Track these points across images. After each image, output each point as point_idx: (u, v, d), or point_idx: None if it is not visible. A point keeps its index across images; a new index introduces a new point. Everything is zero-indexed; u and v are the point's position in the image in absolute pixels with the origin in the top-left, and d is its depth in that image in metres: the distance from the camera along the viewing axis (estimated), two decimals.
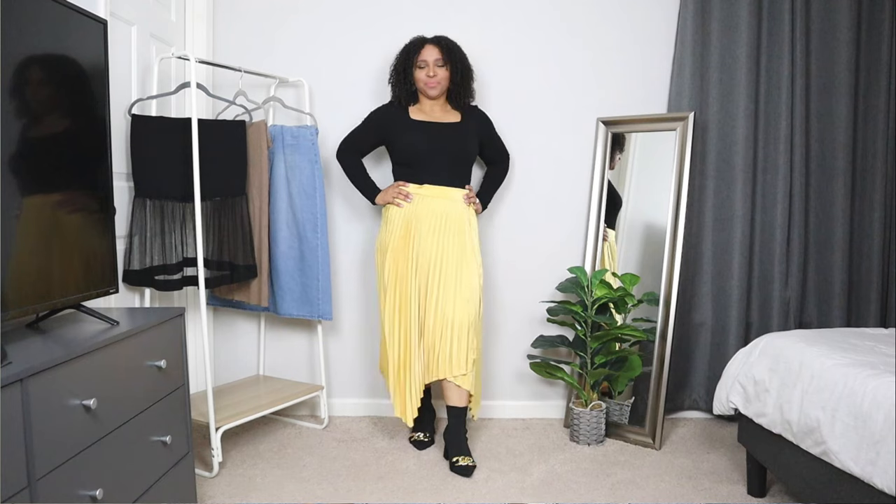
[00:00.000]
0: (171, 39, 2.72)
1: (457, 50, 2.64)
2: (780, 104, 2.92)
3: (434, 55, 2.59)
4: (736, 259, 2.95)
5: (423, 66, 2.59)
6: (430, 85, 2.60)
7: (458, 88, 2.65)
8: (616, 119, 2.98)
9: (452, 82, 2.64)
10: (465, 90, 2.68)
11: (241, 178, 2.61)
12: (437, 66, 2.59)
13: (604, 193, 3.00)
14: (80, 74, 1.73)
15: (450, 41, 2.64)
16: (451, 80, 2.64)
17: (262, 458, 2.58)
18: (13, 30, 1.44)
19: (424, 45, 2.61)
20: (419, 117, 2.66)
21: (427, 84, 2.60)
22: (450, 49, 2.61)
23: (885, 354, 1.90)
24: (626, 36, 2.99)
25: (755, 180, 2.97)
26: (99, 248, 1.81)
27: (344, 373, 3.10)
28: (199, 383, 2.85)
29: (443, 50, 2.59)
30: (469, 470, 2.44)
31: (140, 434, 1.71)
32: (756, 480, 2.26)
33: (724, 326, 2.99)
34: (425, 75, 2.59)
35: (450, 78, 2.63)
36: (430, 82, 2.59)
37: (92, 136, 1.79)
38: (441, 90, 2.63)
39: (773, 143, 2.95)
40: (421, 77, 2.60)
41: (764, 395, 2.08)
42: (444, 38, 2.63)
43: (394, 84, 2.68)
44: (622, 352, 2.80)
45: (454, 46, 2.64)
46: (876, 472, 1.57)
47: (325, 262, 2.79)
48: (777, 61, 2.92)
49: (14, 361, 1.30)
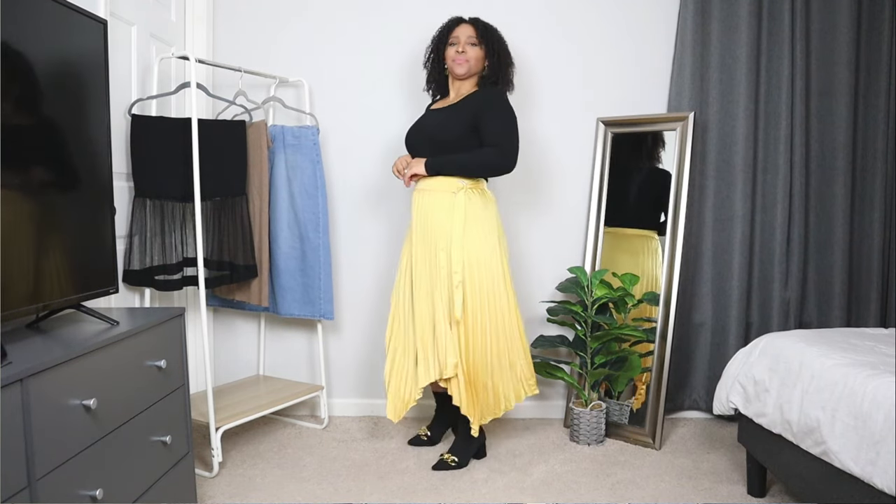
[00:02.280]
0: (171, 39, 2.72)
1: (494, 32, 2.50)
2: (780, 104, 2.92)
3: (467, 32, 2.46)
4: (736, 259, 2.95)
5: (455, 42, 2.47)
6: (457, 62, 2.45)
7: (493, 74, 2.48)
8: (616, 119, 2.98)
9: (489, 67, 2.48)
10: (502, 77, 2.50)
11: (241, 178, 2.61)
12: (468, 43, 2.45)
13: (604, 193, 3.00)
14: (80, 74, 1.73)
15: (488, 24, 2.51)
16: (486, 64, 2.48)
17: (262, 458, 2.58)
18: (13, 30, 1.44)
19: (460, 24, 2.50)
20: (436, 106, 2.60)
21: (455, 60, 2.45)
22: (486, 29, 2.48)
23: (885, 354, 1.90)
24: (626, 36, 2.99)
25: (755, 180, 2.97)
26: (99, 248, 1.81)
27: (344, 373, 3.10)
28: (199, 383, 2.85)
29: (478, 29, 2.46)
30: (442, 464, 2.47)
31: (140, 434, 1.71)
32: (756, 480, 2.26)
33: (724, 326, 2.99)
34: (455, 51, 2.46)
35: (485, 60, 2.48)
36: (459, 59, 2.44)
37: (92, 136, 1.79)
38: (469, 70, 2.46)
39: (773, 143, 2.95)
40: (450, 54, 2.47)
41: (764, 395, 2.08)
42: (481, 20, 2.51)
43: (425, 64, 2.61)
44: (622, 352, 2.80)
45: (492, 28, 2.50)
46: (876, 472, 1.57)
47: (326, 261, 2.79)
48: (777, 61, 2.92)
49: (14, 361, 1.30)
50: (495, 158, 2.41)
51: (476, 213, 2.42)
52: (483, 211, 2.44)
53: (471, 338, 2.40)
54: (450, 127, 2.44)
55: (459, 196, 2.41)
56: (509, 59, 2.53)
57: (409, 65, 2.98)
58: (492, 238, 2.44)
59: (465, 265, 2.39)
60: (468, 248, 2.39)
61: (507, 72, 2.52)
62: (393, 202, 3.03)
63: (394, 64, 2.99)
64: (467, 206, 2.41)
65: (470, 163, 2.42)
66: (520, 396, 2.52)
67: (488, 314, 2.42)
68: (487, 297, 2.41)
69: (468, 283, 2.39)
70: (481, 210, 2.44)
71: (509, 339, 2.47)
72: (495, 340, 2.44)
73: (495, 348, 2.44)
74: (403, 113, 2.98)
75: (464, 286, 2.38)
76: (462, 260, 2.38)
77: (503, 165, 2.42)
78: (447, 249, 2.39)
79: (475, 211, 2.42)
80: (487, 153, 2.40)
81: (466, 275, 2.39)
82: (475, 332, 2.41)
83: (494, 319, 2.43)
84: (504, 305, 2.45)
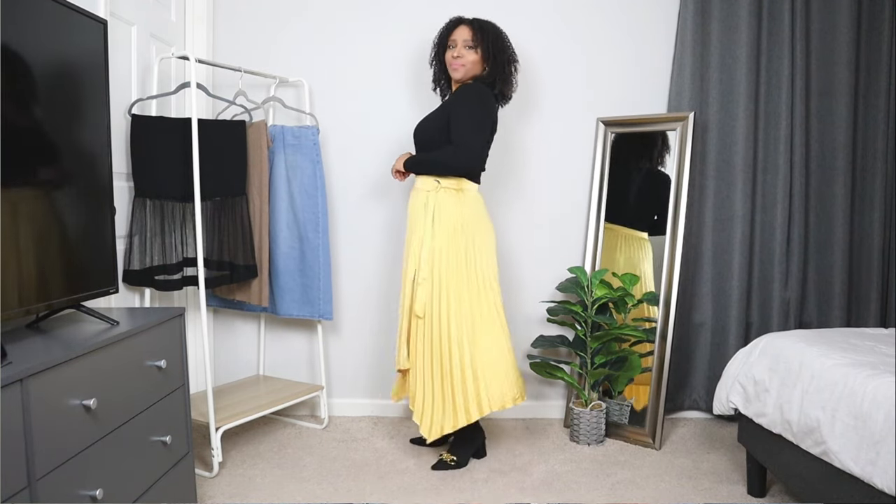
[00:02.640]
0: (171, 39, 2.72)
1: (492, 33, 2.44)
2: (780, 104, 2.92)
3: (464, 35, 2.43)
4: (736, 259, 2.95)
5: (452, 46, 2.45)
6: (453, 66, 2.44)
7: (491, 76, 2.44)
8: (616, 119, 2.98)
9: (488, 69, 2.44)
10: (502, 78, 2.46)
11: (240, 178, 2.61)
12: (465, 47, 2.42)
13: (604, 193, 3.00)
14: (79, 74, 1.73)
15: (487, 24, 2.46)
16: (483, 66, 2.45)
17: (262, 458, 2.58)
18: (13, 30, 1.44)
19: (458, 25, 2.46)
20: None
21: (451, 65, 2.45)
22: (483, 31, 2.43)
23: (885, 354, 1.90)
24: (626, 36, 2.99)
25: (755, 180, 2.97)
26: (99, 248, 1.81)
27: (344, 373, 3.10)
28: (199, 383, 2.85)
29: (475, 31, 2.42)
30: (441, 463, 2.48)
31: (140, 434, 1.71)
32: (756, 480, 2.26)
33: (724, 326, 2.99)
34: (451, 56, 2.45)
35: (483, 63, 2.45)
36: (455, 63, 2.43)
37: (92, 136, 1.79)
38: (465, 74, 2.45)
39: (773, 143, 2.95)
40: (448, 58, 2.47)
41: (764, 395, 2.08)
42: (481, 20, 2.47)
43: (431, 64, 2.61)
44: (622, 352, 2.80)
45: (490, 29, 2.45)
46: (876, 472, 1.57)
47: (326, 262, 2.79)
48: (777, 61, 2.92)
49: (14, 361, 1.31)
50: (450, 158, 2.38)
51: (447, 211, 2.40)
52: (455, 209, 2.40)
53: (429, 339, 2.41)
54: (428, 126, 2.48)
55: (432, 195, 2.42)
56: (510, 59, 2.49)
57: (410, 64, 2.98)
58: (459, 238, 2.40)
59: (429, 263, 2.40)
60: (433, 248, 2.40)
61: (505, 72, 2.47)
62: (392, 202, 3.03)
63: (394, 64, 2.99)
64: (437, 204, 2.41)
65: (433, 162, 2.42)
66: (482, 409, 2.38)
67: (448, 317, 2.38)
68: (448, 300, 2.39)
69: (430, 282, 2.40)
70: (453, 208, 2.40)
71: (472, 345, 2.39)
72: (457, 345, 2.38)
73: (457, 354, 2.37)
74: (403, 113, 2.98)
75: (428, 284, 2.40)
76: (427, 258, 2.40)
77: (457, 166, 2.39)
78: (417, 247, 2.43)
79: (446, 209, 2.40)
80: (446, 153, 2.39)
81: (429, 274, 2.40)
82: (432, 333, 2.40)
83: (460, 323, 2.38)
84: (469, 309, 2.39)
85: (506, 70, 2.48)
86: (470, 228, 2.42)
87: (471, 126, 2.37)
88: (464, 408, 2.38)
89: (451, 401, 2.40)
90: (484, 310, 2.43)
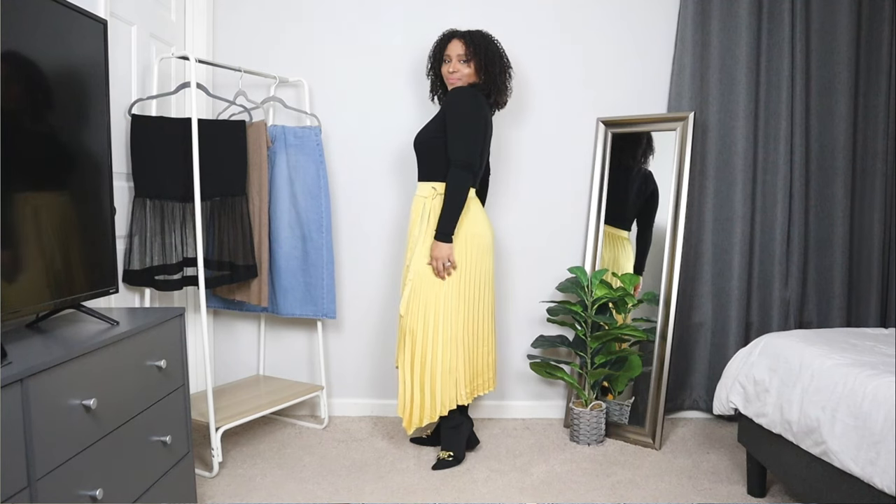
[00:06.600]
0: (171, 39, 2.72)
1: (483, 44, 2.49)
2: (780, 104, 2.92)
3: (458, 50, 2.48)
4: (736, 259, 2.95)
5: (447, 60, 2.51)
6: (450, 80, 2.51)
7: (486, 86, 2.50)
8: (616, 119, 2.98)
9: (483, 80, 2.50)
10: (496, 88, 2.52)
11: (240, 178, 2.61)
12: (460, 61, 2.48)
13: (604, 193, 3.00)
14: (79, 74, 1.73)
15: (480, 36, 2.50)
16: (478, 76, 2.50)
17: (262, 458, 2.58)
18: (13, 30, 1.44)
19: (452, 40, 2.52)
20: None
21: (448, 80, 2.52)
22: (475, 44, 2.47)
23: (885, 354, 1.90)
24: (627, 36, 2.99)
25: (755, 180, 2.97)
26: (99, 248, 1.81)
27: (344, 373, 3.10)
28: (199, 383, 2.85)
29: (467, 45, 2.47)
30: (440, 462, 2.50)
31: (140, 434, 1.71)
32: (756, 480, 2.26)
33: (724, 326, 2.99)
34: (447, 70, 2.51)
35: (478, 74, 2.50)
36: (451, 78, 2.50)
37: (92, 136, 1.79)
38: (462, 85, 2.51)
39: (773, 143, 2.95)
40: (444, 71, 2.53)
41: (764, 395, 2.08)
42: (474, 33, 2.51)
43: (427, 75, 2.66)
44: (622, 352, 2.80)
45: (482, 41, 2.49)
46: (876, 472, 1.57)
47: (329, 261, 2.79)
48: (777, 61, 2.92)
49: (14, 361, 1.30)
50: (455, 186, 2.38)
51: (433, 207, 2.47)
52: None
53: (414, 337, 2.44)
54: (425, 137, 2.50)
55: (428, 201, 2.47)
56: (502, 69, 2.52)
57: (410, 64, 2.98)
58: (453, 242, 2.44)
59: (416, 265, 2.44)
60: (423, 252, 2.44)
61: (498, 82, 2.51)
62: (392, 202, 3.03)
63: (394, 63, 2.99)
64: (433, 210, 2.46)
65: (449, 207, 2.38)
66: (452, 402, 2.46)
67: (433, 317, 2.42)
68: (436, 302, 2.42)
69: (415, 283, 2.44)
70: None
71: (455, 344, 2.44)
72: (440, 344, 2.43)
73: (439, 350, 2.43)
74: (403, 113, 2.98)
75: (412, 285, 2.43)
76: (416, 261, 2.44)
77: (464, 185, 2.38)
78: (412, 250, 2.49)
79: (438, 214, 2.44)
80: (448, 185, 2.38)
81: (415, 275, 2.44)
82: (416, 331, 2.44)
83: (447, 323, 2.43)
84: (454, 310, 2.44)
85: (498, 80, 2.52)
86: (462, 232, 2.45)
87: (458, 134, 2.39)
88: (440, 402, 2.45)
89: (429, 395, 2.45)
90: (471, 311, 2.50)
